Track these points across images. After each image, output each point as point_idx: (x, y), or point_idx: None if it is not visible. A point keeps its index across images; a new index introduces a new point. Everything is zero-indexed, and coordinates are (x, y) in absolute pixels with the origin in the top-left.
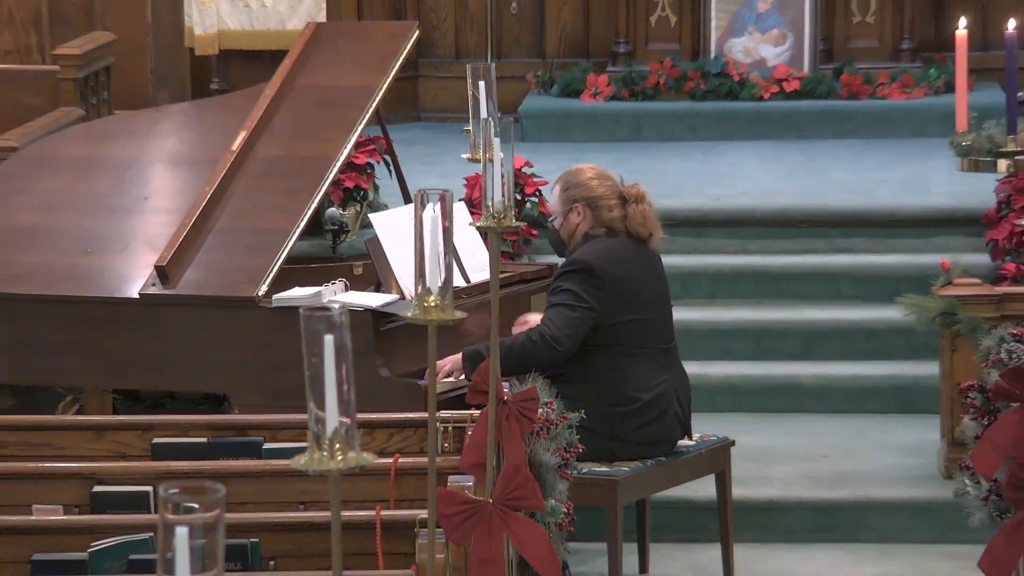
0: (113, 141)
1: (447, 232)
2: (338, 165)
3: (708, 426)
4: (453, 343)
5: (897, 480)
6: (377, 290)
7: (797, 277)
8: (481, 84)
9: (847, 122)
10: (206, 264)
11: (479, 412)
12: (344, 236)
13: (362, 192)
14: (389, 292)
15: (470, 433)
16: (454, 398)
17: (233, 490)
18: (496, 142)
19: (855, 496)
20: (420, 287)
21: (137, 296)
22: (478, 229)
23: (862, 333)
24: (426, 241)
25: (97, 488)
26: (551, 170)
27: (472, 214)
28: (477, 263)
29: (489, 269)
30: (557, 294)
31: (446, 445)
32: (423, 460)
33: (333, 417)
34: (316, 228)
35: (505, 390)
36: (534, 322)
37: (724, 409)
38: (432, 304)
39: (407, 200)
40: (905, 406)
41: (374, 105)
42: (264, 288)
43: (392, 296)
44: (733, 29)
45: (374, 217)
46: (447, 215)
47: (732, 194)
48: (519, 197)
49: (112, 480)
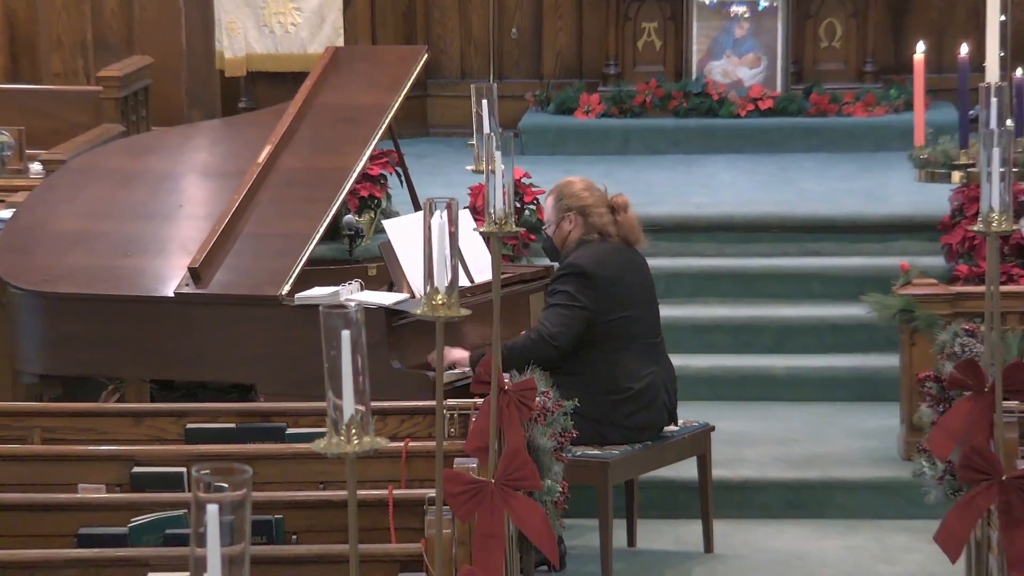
0: (150, 154)
1: (453, 237)
2: (354, 176)
3: (690, 413)
4: (458, 337)
5: (861, 462)
6: (390, 290)
7: (771, 278)
8: (484, 102)
9: (816, 137)
10: (235, 266)
11: (482, 401)
12: (360, 240)
13: (376, 200)
14: (401, 291)
15: (474, 420)
16: (459, 388)
17: (259, 471)
18: (498, 155)
19: (823, 476)
20: (428, 287)
21: (172, 295)
22: (481, 234)
23: (830, 328)
24: (434, 245)
25: (136, 469)
26: (548, 181)
27: (476, 220)
28: (480, 265)
29: (491, 270)
30: (554, 295)
31: (452, 431)
32: (431, 444)
33: (349, 405)
34: (334, 233)
35: (506, 380)
36: (457, 356)
37: (705, 398)
38: (439, 302)
39: (417, 208)
40: (868, 394)
41: (387, 121)
42: (287, 288)
43: (403, 295)
44: (712, 53)
45: (387, 223)
46: (453, 221)
47: (712, 202)
48: (518, 205)
49: (150, 462)
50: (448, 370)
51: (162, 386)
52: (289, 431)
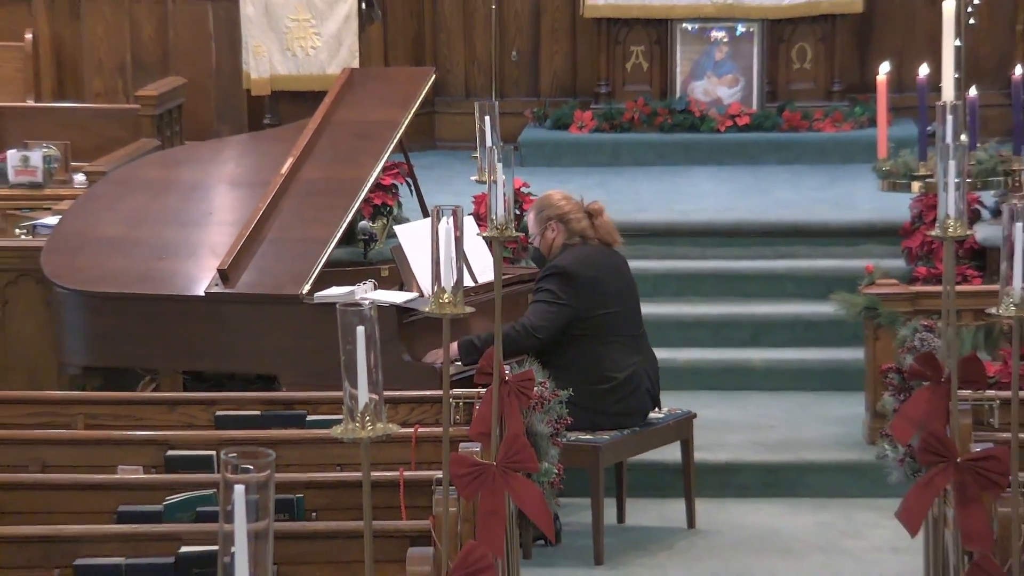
0: (183, 166)
1: (458, 241)
2: (368, 185)
3: (674, 401)
4: (464, 332)
5: (830, 445)
6: (400, 289)
7: (748, 278)
8: (487, 119)
9: (788, 151)
10: (260, 268)
11: (485, 390)
12: (373, 244)
13: (388, 208)
14: (411, 291)
15: (477, 408)
16: (464, 379)
17: (281, 455)
18: (499, 167)
19: (795, 459)
20: (436, 286)
21: (203, 294)
22: (484, 238)
23: (801, 324)
24: (441, 248)
25: (170, 452)
26: (545, 190)
27: (479, 226)
28: (483, 266)
29: (493, 271)
30: (538, 293)
31: (457, 418)
32: (438, 430)
33: (364, 394)
34: (350, 238)
35: (506, 372)
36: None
37: (688, 387)
38: (446, 301)
39: (425, 214)
40: (836, 384)
41: (398, 136)
42: (307, 287)
43: (413, 294)
44: (695, 74)
45: (398, 228)
46: (458, 227)
47: (694, 209)
48: (518, 212)
49: (182, 446)
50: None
51: (193, 377)
52: (309, 418)
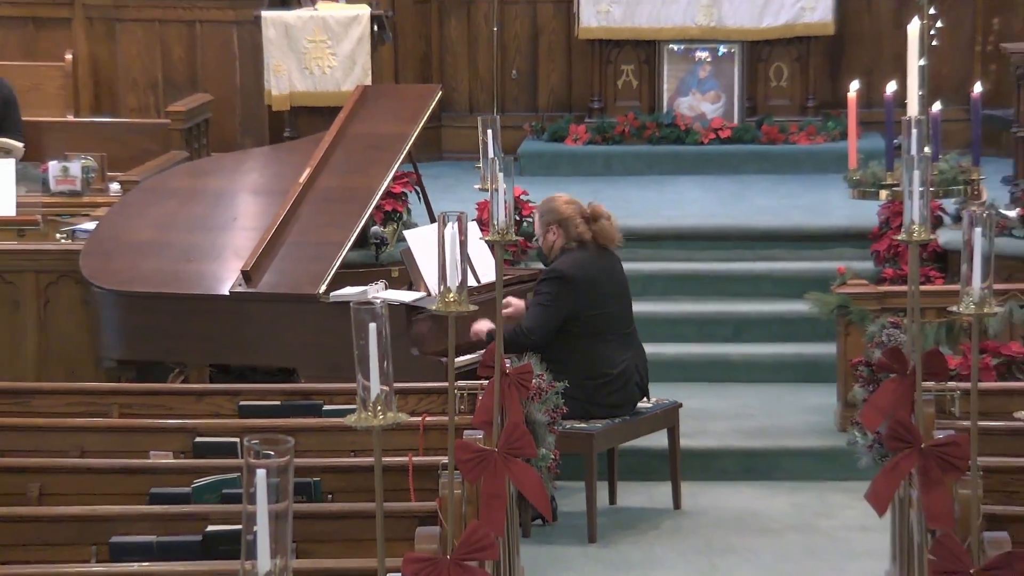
0: (209, 176)
1: (463, 244)
2: (380, 193)
3: (662, 392)
4: (468, 328)
5: (804, 433)
6: (409, 289)
7: (730, 279)
8: (489, 132)
9: (767, 161)
10: (280, 269)
11: (487, 382)
12: (384, 248)
13: (398, 214)
14: (419, 290)
15: (480, 398)
16: (468, 371)
17: (300, 441)
18: (500, 176)
19: (773, 445)
20: (442, 286)
21: (227, 293)
22: (487, 242)
23: (779, 321)
24: (447, 251)
25: (198, 439)
26: (542, 198)
27: (482, 231)
28: (486, 268)
29: (495, 272)
30: (537, 295)
31: (462, 407)
32: (444, 419)
33: (376, 386)
34: (363, 241)
35: (507, 365)
36: (515, 303)
37: (674, 379)
38: (451, 299)
39: (432, 220)
40: (810, 376)
41: (407, 147)
42: (324, 287)
43: (421, 293)
44: (680, 90)
45: (407, 233)
46: (463, 231)
47: (681, 215)
48: (518, 218)
49: (209, 433)
50: (467, 355)
51: (219, 370)
52: (325, 407)
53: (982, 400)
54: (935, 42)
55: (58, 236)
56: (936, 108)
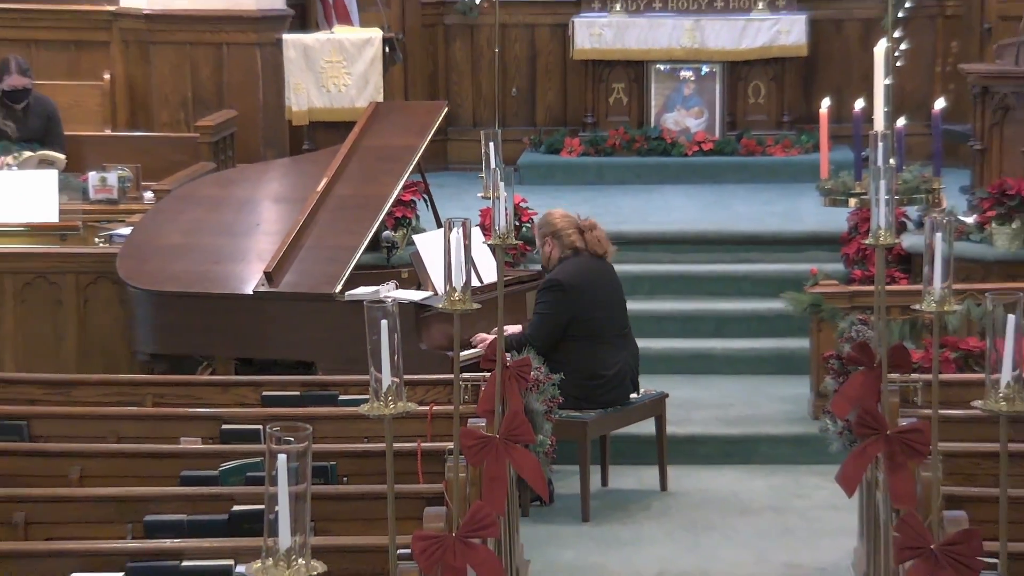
0: (235, 185)
1: (467, 248)
2: (391, 201)
3: (650, 384)
4: (472, 325)
5: (780, 420)
6: (418, 288)
7: (711, 279)
8: (491, 144)
9: (746, 172)
10: (300, 270)
11: (489, 374)
12: (395, 251)
13: (408, 220)
14: (427, 290)
15: (483, 389)
16: (471, 365)
17: (318, 429)
18: (501, 185)
19: (751, 432)
20: (448, 286)
21: (251, 293)
22: (489, 246)
23: (757, 318)
24: (452, 254)
25: (224, 426)
26: (540, 205)
27: (484, 235)
28: (488, 269)
29: (496, 273)
30: (538, 305)
31: (466, 397)
32: (450, 408)
33: (387, 377)
34: (376, 245)
35: (508, 359)
36: (488, 337)
37: (661, 372)
38: (456, 298)
39: (439, 225)
40: (786, 369)
41: (416, 159)
42: (339, 287)
43: (429, 292)
44: (667, 106)
45: (416, 237)
46: (467, 236)
47: (667, 221)
48: (517, 223)
49: (234, 421)
50: (471, 349)
51: (243, 362)
52: (341, 397)
53: (942, 391)
54: (900, 63)
55: (97, 240)
56: (900, 123)
